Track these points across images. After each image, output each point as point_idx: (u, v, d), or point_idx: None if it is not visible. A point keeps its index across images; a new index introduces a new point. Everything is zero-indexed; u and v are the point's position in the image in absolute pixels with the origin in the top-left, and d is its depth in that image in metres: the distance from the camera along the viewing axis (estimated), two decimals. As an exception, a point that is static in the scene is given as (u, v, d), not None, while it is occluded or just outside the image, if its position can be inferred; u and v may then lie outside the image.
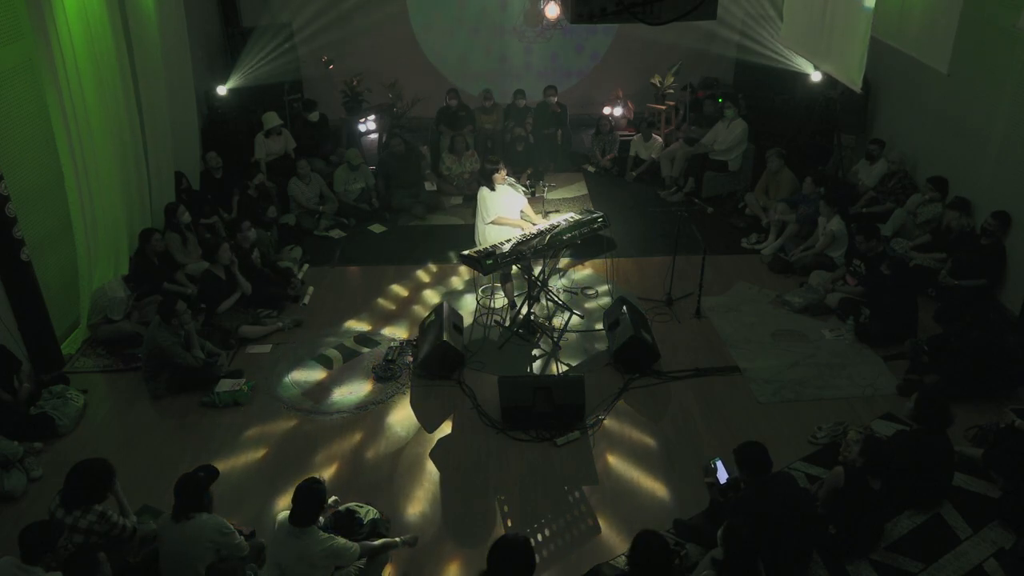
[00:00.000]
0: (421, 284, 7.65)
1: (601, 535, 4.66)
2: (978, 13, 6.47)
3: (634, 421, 5.65)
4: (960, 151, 7.42)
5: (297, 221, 8.64)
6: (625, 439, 5.47)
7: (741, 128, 9.10)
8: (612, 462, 5.25)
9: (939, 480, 4.69)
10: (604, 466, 5.22)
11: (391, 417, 5.73)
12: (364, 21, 10.49)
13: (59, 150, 6.06)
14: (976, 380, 5.58)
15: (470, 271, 6.90)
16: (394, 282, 7.67)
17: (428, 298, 7.37)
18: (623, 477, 5.12)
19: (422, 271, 7.89)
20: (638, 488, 5.03)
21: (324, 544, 3.84)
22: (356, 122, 10.29)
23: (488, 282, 7.21)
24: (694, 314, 6.93)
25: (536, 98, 10.30)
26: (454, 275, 7.77)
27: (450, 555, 4.54)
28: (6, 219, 5.50)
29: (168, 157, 7.95)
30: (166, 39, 7.83)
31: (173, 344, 5.82)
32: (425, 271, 7.89)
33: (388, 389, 6.03)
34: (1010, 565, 4.29)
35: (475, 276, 7.15)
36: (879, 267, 6.54)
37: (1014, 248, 6.55)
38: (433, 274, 7.84)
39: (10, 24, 5.89)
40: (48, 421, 5.48)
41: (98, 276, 6.64)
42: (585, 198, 9.49)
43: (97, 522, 4.10)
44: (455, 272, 7.80)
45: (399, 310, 7.17)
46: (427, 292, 7.49)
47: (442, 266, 7.97)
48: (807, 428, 5.46)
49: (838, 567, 4.31)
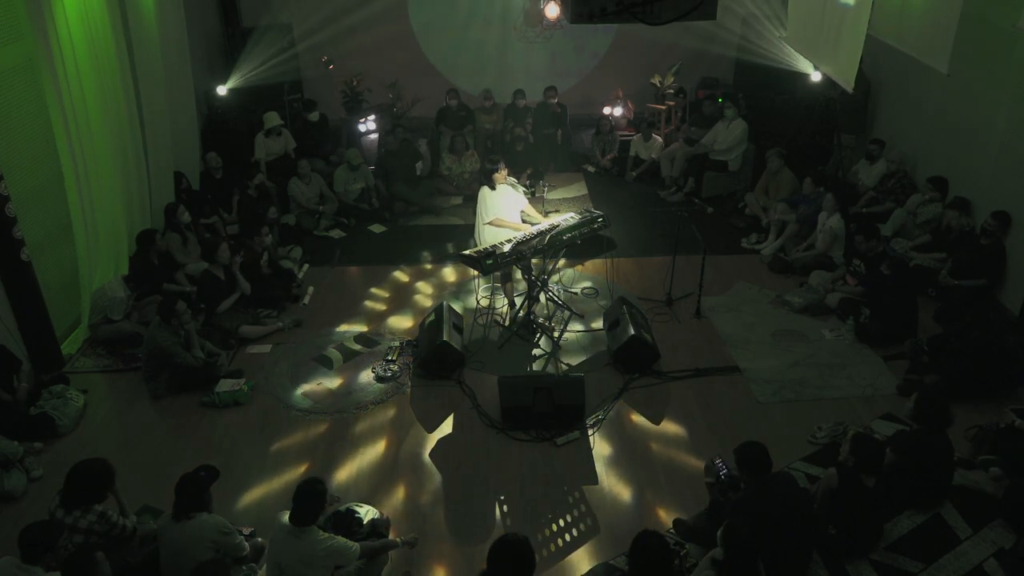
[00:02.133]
0: (421, 284, 7.65)
1: (601, 535, 4.66)
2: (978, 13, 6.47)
3: (634, 421, 5.65)
4: (960, 151, 7.42)
5: (297, 221, 8.65)
6: (625, 439, 5.47)
7: (741, 128, 9.10)
8: (612, 462, 5.25)
9: (939, 480, 4.69)
10: (604, 466, 5.22)
11: (391, 417, 5.73)
12: (364, 21, 10.49)
13: (59, 150, 6.06)
14: (976, 380, 5.58)
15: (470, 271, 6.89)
16: (394, 282, 7.68)
17: (428, 298, 7.37)
18: (623, 477, 5.12)
19: (422, 271, 7.89)
20: (638, 488, 5.03)
21: (324, 544, 3.84)
22: (356, 122, 10.29)
23: (488, 282, 7.22)
24: (694, 314, 6.93)
25: (536, 98, 10.31)
26: (454, 275, 7.77)
27: (450, 555, 4.54)
28: (6, 219, 5.50)
29: (168, 157, 7.96)
30: (166, 39, 7.84)
31: (173, 344, 5.82)
32: (425, 271, 7.89)
33: (388, 389, 6.03)
34: (1010, 565, 4.29)
35: (475, 276, 7.15)
36: (879, 267, 6.54)
37: (1014, 248, 6.55)
38: (433, 274, 7.84)
39: (10, 24, 5.89)
40: (48, 421, 5.47)
41: (98, 276, 6.64)
42: (585, 198, 9.49)
43: (97, 522, 4.10)
44: (455, 272, 7.79)
45: (399, 310, 7.17)
46: (427, 292, 7.49)
47: (442, 266, 7.97)
48: (807, 428, 5.46)
49: (838, 567, 4.30)
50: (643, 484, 5.06)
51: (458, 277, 7.72)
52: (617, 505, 4.89)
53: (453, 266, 7.88)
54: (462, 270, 7.63)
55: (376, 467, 5.24)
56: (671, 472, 5.15)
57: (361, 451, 5.40)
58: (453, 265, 7.88)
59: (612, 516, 4.80)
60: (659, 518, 4.74)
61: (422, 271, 7.89)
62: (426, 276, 7.80)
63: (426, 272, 7.87)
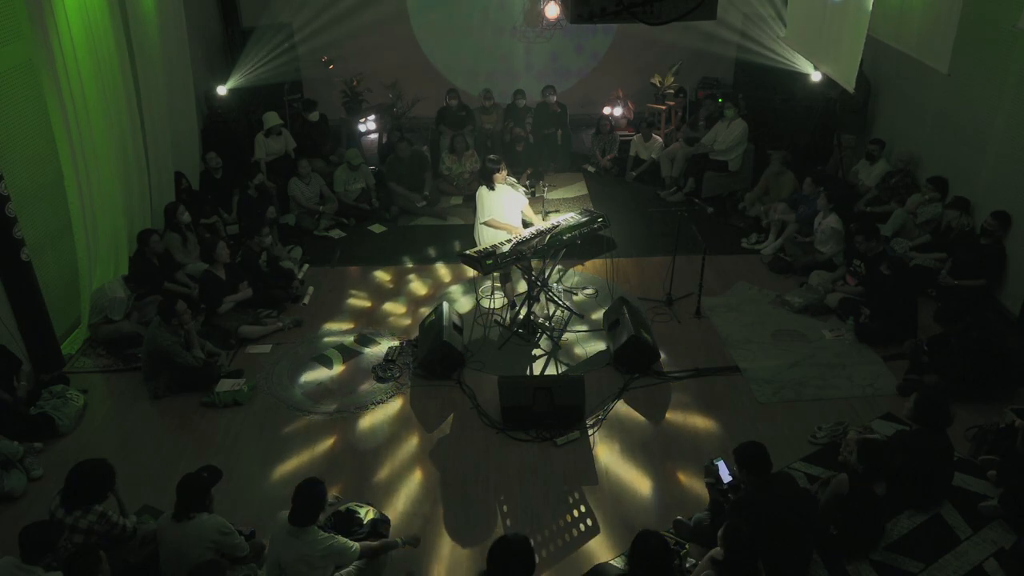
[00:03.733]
0: (421, 284, 7.65)
1: (601, 535, 4.66)
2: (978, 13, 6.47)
3: (634, 421, 5.65)
4: (960, 151, 7.42)
5: (297, 221, 8.65)
6: (625, 439, 5.47)
7: (741, 128, 9.10)
8: (612, 462, 5.25)
9: (939, 480, 4.69)
10: (604, 466, 5.22)
11: (391, 417, 5.73)
12: (364, 21, 10.48)
13: (59, 150, 6.06)
14: (976, 380, 5.58)
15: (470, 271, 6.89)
16: (394, 282, 7.68)
17: (428, 298, 7.37)
18: (623, 477, 5.12)
19: (422, 271, 7.89)
20: (638, 488, 5.03)
21: (324, 544, 3.84)
22: (356, 122, 10.29)
23: (488, 282, 7.21)
24: (694, 314, 6.93)
25: (536, 98, 10.31)
26: (454, 275, 7.77)
27: (450, 555, 4.54)
28: (6, 219, 5.50)
29: (168, 157, 7.96)
30: (166, 39, 7.84)
31: (173, 344, 5.82)
32: (425, 271, 7.89)
33: (388, 389, 6.03)
34: (1010, 565, 4.29)
35: (475, 276, 7.15)
36: (879, 267, 6.54)
37: (1014, 248, 6.55)
38: (433, 274, 7.84)
39: (10, 24, 5.89)
40: (48, 421, 5.48)
41: (98, 276, 6.64)
42: (585, 198, 9.49)
43: (97, 522, 4.10)
44: (455, 272, 7.79)
45: (399, 310, 7.17)
46: (427, 292, 7.49)
47: (442, 266, 7.97)
48: (807, 428, 5.46)
49: (838, 567, 4.31)
50: (643, 484, 5.06)
51: (458, 277, 7.72)
52: (617, 505, 4.89)
53: (453, 266, 7.87)
54: (462, 270, 7.62)
55: (376, 467, 5.24)
56: (671, 472, 5.15)
57: (361, 451, 5.39)
58: (453, 265, 7.88)
59: (612, 516, 4.80)
60: (659, 518, 4.74)
61: (422, 271, 7.89)
62: (426, 276, 7.80)
63: (426, 272, 7.87)
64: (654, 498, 4.95)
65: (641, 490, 5.02)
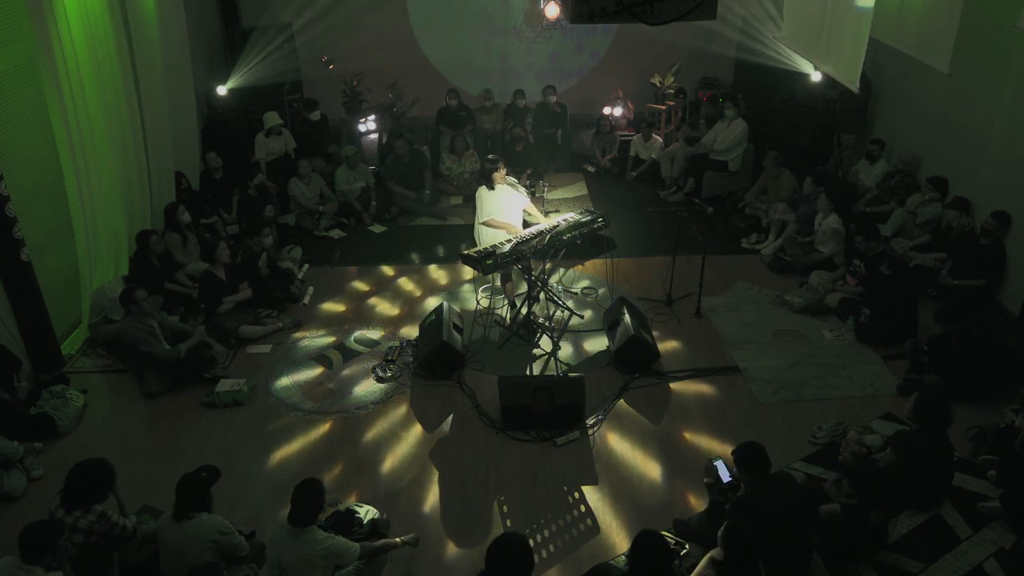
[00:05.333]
0: (421, 284, 7.65)
1: (601, 535, 4.66)
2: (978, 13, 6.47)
3: (634, 421, 5.65)
4: (960, 151, 7.42)
5: (297, 221, 8.64)
6: (625, 439, 5.47)
7: (741, 128, 9.09)
8: (612, 462, 5.25)
9: (939, 480, 4.69)
10: (604, 466, 5.22)
11: (391, 417, 5.73)
12: (364, 21, 10.48)
13: (59, 150, 6.06)
14: (976, 380, 5.58)
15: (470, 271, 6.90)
16: (394, 282, 7.68)
17: (428, 298, 7.36)
18: (623, 477, 5.12)
19: (422, 271, 7.89)
20: (638, 488, 5.03)
21: (324, 544, 3.84)
22: (356, 122, 10.29)
23: (488, 282, 7.21)
24: (694, 314, 6.93)
25: (536, 98, 10.30)
26: (454, 275, 7.77)
27: (450, 555, 4.54)
28: (6, 219, 5.50)
29: (168, 157, 7.96)
30: (166, 39, 7.84)
31: (139, 331, 5.79)
32: (425, 271, 7.89)
33: (388, 389, 6.03)
34: (1010, 565, 4.29)
35: (475, 276, 7.15)
36: (879, 267, 6.54)
37: (1014, 248, 6.54)
38: (433, 274, 7.84)
39: (10, 24, 5.88)
40: (48, 421, 5.48)
41: (98, 276, 6.64)
42: (585, 198, 9.49)
43: (97, 522, 4.10)
44: (455, 272, 7.79)
45: (399, 310, 7.17)
46: (427, 292, 7.49)
47: (442, 266, 7.97)
48: (807, 428, 5.46)
49: (838, 567, 4.30)
50: (643, 484, 5.06)
51: (458, 277, 7.72)
52: (617, 505, 4.89)
53: (453, 266, 7.87)
54: (462, 270, 7.62)
55: (376, 467, 5.24)
56: (671, 472, 5.15)
57: (361, 451, 5.39)
58: (453, 265, 7.88)
59: (612, 516, 4.80)
60: (659, 518, 4.74)
61: (422, 271, 7.89)
62: (426, 276, 7.80)
63: (426, 272, 7.87)
64: (654, 498, 4.95)
65: (641, 490, 5.02)
